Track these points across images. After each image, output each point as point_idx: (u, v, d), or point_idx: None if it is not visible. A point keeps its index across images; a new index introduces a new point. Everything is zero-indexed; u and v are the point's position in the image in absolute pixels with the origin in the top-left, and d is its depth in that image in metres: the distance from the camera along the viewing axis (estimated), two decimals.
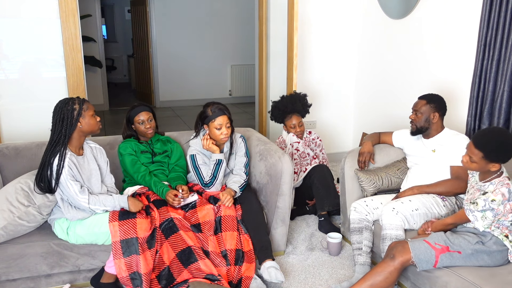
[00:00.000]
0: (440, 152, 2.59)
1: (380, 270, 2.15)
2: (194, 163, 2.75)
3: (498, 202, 2.03)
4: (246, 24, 7.88)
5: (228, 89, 8.48)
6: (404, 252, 2.13)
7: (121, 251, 2.27)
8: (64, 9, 3.40)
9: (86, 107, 2.36)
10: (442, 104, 2.63)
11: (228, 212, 2.59)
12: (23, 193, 2.39)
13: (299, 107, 3.46)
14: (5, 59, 3.42)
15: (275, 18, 4.37)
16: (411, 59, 3.83)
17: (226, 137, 2.70)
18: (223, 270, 2.39)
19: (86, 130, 2.38)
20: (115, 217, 2.33)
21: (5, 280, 2.34)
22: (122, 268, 2.27)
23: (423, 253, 2.10)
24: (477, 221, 2.10)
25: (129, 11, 9.45)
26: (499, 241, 2.08)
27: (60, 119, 2.30)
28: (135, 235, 2.29)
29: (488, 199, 2.05)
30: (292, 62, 3.92)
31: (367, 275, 2.19)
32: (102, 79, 7.53)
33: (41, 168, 2.31)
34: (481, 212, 2.08)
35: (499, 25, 2.82)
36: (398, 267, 2.13)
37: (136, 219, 2.33)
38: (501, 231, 2.09)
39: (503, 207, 2.04)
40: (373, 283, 2.14)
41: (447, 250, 2.08)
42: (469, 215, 2.13)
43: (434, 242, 2.12)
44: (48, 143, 2.34)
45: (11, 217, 2.31)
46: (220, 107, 2.70)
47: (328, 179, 3.23)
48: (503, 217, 2.07)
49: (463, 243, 2.09)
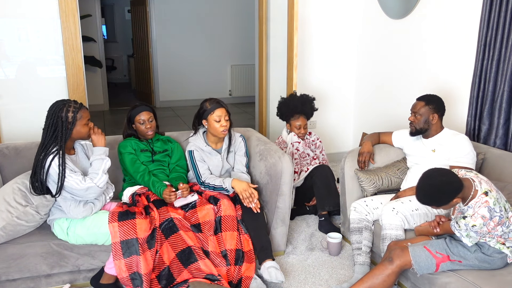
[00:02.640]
0: (440, 152, 2.59)
1: (378, 272, 2.15)
2: (192, 159, 2.76)
3: (479, 226, 1.94)
4: (246, 24, 7.88)
5: (228, 89, 8.48)
6: (403, 256, 2.12)
7: (121, 252, 2.27)
8: (64, 9, 3.40)
9: (80, 116, 2.32)
10: (441, 105, 2.63)
11: (228, 212, 2.59)
12: (21, 193, 2.39)
13: (308, 109, 3.47)
14: (5, 59, 3.42)
15: (275, 18, 4.37)
16: (411, 59, 3.83)
17: (225, 130, 2.71)
18: (223, 270, 2.39)
19: (76, 137, 2.38)
20: (114, 218, 2.33)
21: (5, 280, 2.34)
22: (122, 268, 2.27)
23: (424, 261, 2.09)
24: (463, 237, 2.05)
25: (129, 11, 9.46)
26: (497, 250, 2.06)
27: (53, 124, 2.28)
28: (135, 236, 2.29)
29: (468, 225, 1.97)
30: (292, 62, 3.92)
31: (365, 277, 2.19)
32: (102, 79, 7.53)
33: (34, 170, 2.30)
34: (465, 231, 2.02)
35: (499, 25, 2.82)
36: (396, 271, 2.13)
37: (136, 219, 2.33)
38: (497, 241, 2.05)
39: (486, 226, 1.95)
40: (371, 286, 2.14)
41: (447, 259, 2.07)
42: (455, 230, 2.08)
43: (435, 250, 2.10)
44: (39, 144, 2.32)
45: (10, 218, 2.31)
46: (218, 101, 2.74)
47: (330, 179, 3.24)
48: (490, 233, 1.99)
49: (463, 252, 2.07)
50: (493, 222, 1.94)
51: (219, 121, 2.69)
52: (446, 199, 1.95)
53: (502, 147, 2.87)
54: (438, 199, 1.95)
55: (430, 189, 1.95)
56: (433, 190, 1.94)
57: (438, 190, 1.93)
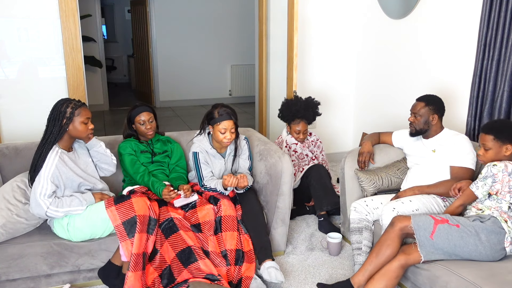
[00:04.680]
0: (440, 152, 2.59)
1: (382, 239, 2.25)
2: (196, 161, 2.73)
3: (498, 168, 2.16)
4: (246, 24, 7.89)
5: (228, 89, 8.48)
6: (404, 219, 2.22)
7: (125, 233, 2.28)
8: (64, 9, 3.40)
9: (78, 112, 2.36)
10: (441, 105, 2.62)
11: (228, 212, 2.59)
12: (20, 190, 2.41)
13: (310, 115, 3.40)
14: (5, 59, 3.42)
15: (275, 18, 4.37)
16: (411, 59, 3.83)
17: (228, 142, 2.67)
18: (223, 270, 2.39)
19: (73, 135, 2.39)
20: (110, 203, 2.35)
21: (5, 280, 2.34)
22: (130, 249, 2.27)
23: (422, 220, 2.17)
24: (477, 189, 2.23)
25: (129, 11, 9.46)
26: (497, 222, 2.13)
27: (53, 118, 2.35)
28: (134, 214, 2.30)
29: (490, 165, 2.20)
30: (292, 62, 3.91)
31: (372, 250, 2.28)
32: (102, 79, 7.53)
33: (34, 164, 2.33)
34: (483, 180, 2.21)
35: (499, 25, 2.82)
36: (398, 233, 2.21)
37: (132, 199, 2.34)
38: (500, 215, 2.15)
39: (502, 176, 2.15)
40: (378, 251, 2.24)
41: (446, 222, 2.15)
42: (473, 186, 2.25)
43: (435, 215, 2.21)
44: (41, 139, 2.37)
45: (10, 215, 2.32)
46: (228, 111, 2.66)
47: (325, 178, 3.21)
48: (501, 194, 2.16)
49: (462, 220, 2.17)
50: (509, 180, 2.15)
51: (224, 133, 2.65)
52: (507, 135, 2.21)
53: None
54: (503, 130, 2.22)
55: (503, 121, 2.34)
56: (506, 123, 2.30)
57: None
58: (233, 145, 2.81)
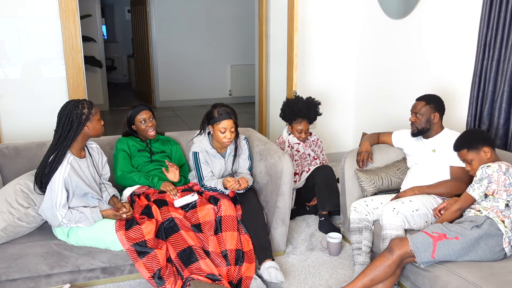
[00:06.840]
0: (440, 152, 2.59)
1: (379, 264, 2.17)
2: (196, 161, 2.73)
3: (493, 169, 2.18)
4: (246, 24, 7.88)
5: (228, 89, 8.48)
6: (402, 244, 2.14)
7: (137, 254, 2.31)
8: (64, 9, 3.40)
9: (94, 111, 2.36)
10: (441, 104, 2.63)
11: (228, 212, 2.59)
12: (23, 194, 2.38)
13: (312, 114, 3.42)
14: (5, 59, 3.42)
15: (275, 18, 4.37)
16: (411, 59, 3.83)
17: (228, 141, 2.68)
18: (223, 270, 2.39)
19: (92, 134, 2.38)
20: (121, 227, 2.36)
21: (5, 280, 2.34)
22: (143, 270, 2.30)
23: (421, 241, 2.11)
24: (473, 191, 2.23)
25: (129, 11, 9.46)
26: (494, 224, 2.12)
27: (69, 122, 2.28)
28: (143, 239, 2.34)
29: (484, 166, 2.21)
30: (292, 62, 3.91)
31: (366, 269, 2.21)
32: (102, 79, 7.53)
33: (42, 168, 2.30)
34: (478, 182, 2.21)
35: (499, 25, 2.82)
36: (396, 260, 2.14)
37: (142, 225, 2.37)
38: (497, 215, 2.14)
39: (497, 176, 2.17)
40: (373, 278, 2.17)
41: (444, 237, 2.10)
42: (469, 189, 2.25)
43: (431, 231, 2.15)
44: (51, 143, 2.33)
45: (11, 219, 2.31)
46: (228, 111, 2.67)
47: (332, 179, 3.24)
48: (497, 193, 2.18)
49: (459, 229, 2.13)
50: (504, 179, 2.16)
51: (224, 133, 2.66)
52: (476, 141, 2.27)
53: (502, 147, 2.87)
54: (469, 139, 2.29)
55: (464, 133, 2.37)
56: (468, 132, 2.38)
57: (472, 131, 2.39)
58: (233, 145, 2.82)
